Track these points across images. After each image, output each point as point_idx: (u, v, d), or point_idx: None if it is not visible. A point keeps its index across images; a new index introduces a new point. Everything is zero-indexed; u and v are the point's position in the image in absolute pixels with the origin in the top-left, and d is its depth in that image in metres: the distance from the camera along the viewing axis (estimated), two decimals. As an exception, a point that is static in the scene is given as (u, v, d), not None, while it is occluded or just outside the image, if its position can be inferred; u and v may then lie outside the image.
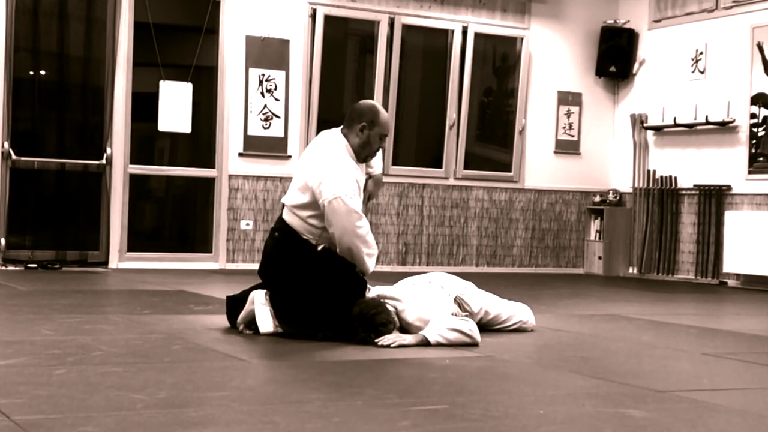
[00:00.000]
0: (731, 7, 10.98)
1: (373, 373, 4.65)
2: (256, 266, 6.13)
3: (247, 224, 10.75)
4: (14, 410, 3.53)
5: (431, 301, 5.74)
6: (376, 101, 10.44)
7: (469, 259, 11.91)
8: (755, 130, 10.72)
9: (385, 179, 10.90)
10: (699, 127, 11.31)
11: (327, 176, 5.60)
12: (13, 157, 9.89)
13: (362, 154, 5.78)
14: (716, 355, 5.55)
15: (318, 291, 5.65)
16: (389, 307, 5.59)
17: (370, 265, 5.73)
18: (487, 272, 11.74)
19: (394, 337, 5.45)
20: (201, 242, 10.98)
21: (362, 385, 4.28)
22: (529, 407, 3.93)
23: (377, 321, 5.47)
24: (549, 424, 3.61)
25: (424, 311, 5.62)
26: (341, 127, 5.86)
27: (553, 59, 12.29)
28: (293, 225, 5.75)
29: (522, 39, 12.04)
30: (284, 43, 10.77)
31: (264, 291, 5.76)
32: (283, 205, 5.93)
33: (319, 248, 5.71)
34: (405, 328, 5.62)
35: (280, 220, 5.88)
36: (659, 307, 8.52)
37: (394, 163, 11.48)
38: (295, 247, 5.73)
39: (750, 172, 10.74)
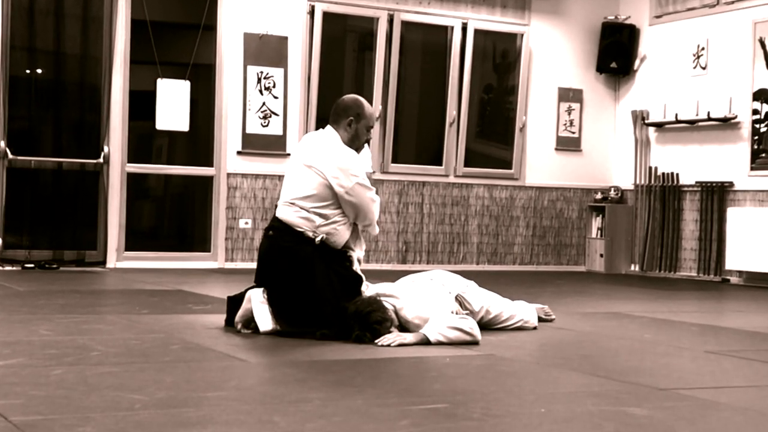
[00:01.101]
0: (732, 2, 10.94)
1: (373, 372, 4.62)
2: (255, 265, 6.10)
3: (246, 223, 10.71)
4: (12, 411, 3.49)
5: (430, 299, 5.71)
6: (369, 96, 10.46)
7: (469, 257, 11.86)
8: (757, 126, 10.68)
9: (385, 177, 10.92)
10: (701, 124, 11.27)
11: (340, 166, 5.74)
12: (10, 156, 9.86)
13: (352, 147, 5.88)
14: (718, 353, 5.52)
15: (314, 286, 5.65)
16: (387, 305, 5.56)
17: (376, 228, 5.99)
18: (488, 270, 11.70)
19: (393, 337, 5.42)
20: (199, 241, 10.94)
21: (362, 384, 4.25)
22: (530, 406, 3.89)
23: (372, 319, 5.44)
24: (550, 423, 3.57)
25: (423, 309, 5.59)
26: (329, 124, 5.95)
27: (553, 55, 12.26)
28: (288, 220, 5.78)
29: (522, 35, 12.00)
30: (283, 40, 10.73)
31: (261, 289, 5.75)
32: (276, 206, 5.96)
33: (317, 240, 5.72)
34: (404, 326, 5.58)
35: (274, 219, 5.91)
36: (661, 304, 8.48)
37: (394, 161, 11.44)
38: (290, 242, 5.74)
39: (752, 169, 10.70)
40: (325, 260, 5.74)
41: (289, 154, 10.62)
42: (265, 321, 5.68)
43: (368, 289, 5.79)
